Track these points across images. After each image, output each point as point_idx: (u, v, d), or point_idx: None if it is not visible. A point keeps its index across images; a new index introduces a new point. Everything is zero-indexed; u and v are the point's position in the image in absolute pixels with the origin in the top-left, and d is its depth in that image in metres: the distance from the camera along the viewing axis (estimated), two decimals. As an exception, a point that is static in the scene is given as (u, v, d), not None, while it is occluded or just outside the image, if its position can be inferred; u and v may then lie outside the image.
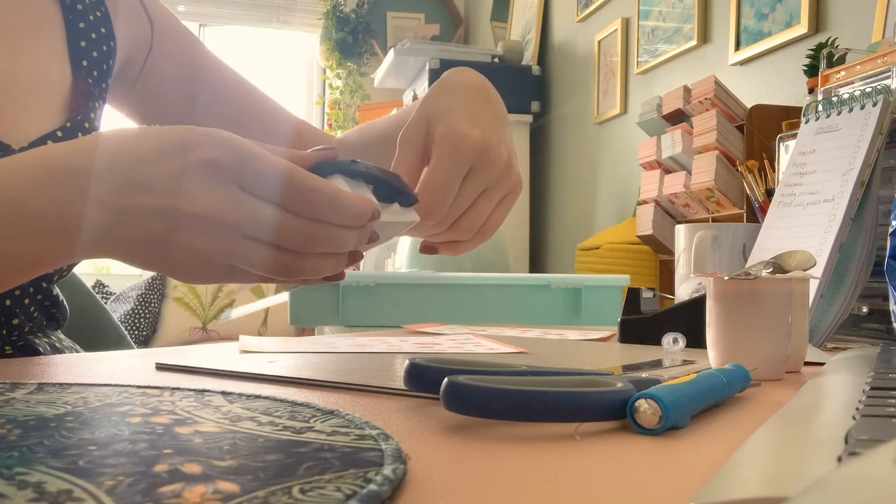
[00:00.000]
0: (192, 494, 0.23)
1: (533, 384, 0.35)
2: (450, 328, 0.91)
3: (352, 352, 0.63)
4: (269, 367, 0.53)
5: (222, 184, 0.45)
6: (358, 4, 4.04)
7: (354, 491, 0.23)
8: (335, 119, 3.98)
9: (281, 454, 0.27)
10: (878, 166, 0.72)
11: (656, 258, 2.00)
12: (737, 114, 1.65)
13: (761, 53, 1.86)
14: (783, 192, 0.79)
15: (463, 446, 0.32)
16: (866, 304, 0.74)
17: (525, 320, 1.45)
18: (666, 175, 1.84)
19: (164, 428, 0.31)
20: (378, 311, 1.49)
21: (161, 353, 0.62)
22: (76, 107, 0.69)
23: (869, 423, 0.28)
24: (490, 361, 0.45)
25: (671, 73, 2.27)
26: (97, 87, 0.72)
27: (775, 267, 0.57)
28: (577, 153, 2.91)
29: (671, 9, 2.26)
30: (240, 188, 0.46)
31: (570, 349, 0.68)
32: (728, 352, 0.53)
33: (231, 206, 0.45)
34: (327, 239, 0.47)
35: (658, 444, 0.32)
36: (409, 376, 0.41)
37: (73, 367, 0.54)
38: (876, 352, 0.55)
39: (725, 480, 0.22)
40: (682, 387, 0.36)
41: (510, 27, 3.59)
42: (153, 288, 3.20)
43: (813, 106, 0.81)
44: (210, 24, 4.24)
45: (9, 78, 0.65)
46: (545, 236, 3.15)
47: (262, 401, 0.38)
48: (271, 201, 0.46)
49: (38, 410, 0.35)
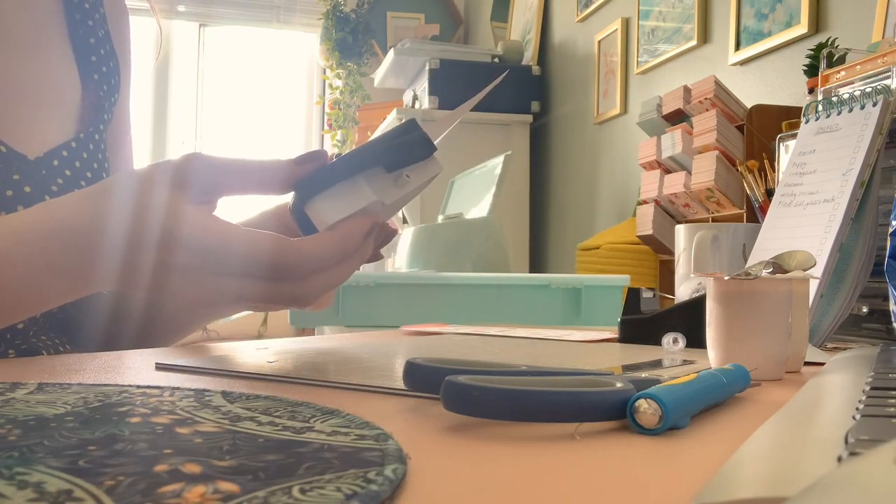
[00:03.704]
0: (192, 494, 0.23)
1: (533, 384, 0.35)
2: (450, 328, 0.91)
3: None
4: (268, 367, 0.53)
5: (200, 281, 0.49)
6: (358, 4, 4.04)
7: (354, 491, 0.23)
8: (335, 119, 3.98)
9: (281, 454, 0.27)
10: (878, 166, 0.72)
11: (656, 258, 2.00)
12: (737, 114, 1.65)
13: (761, 53, 1.86)
14: (783, 192, 0.79)
15: (463, 446, 0.32)
16: (866, 304, 0.74)
17: (525, 320, 1.45)
18: (666, 175, 1.84)
19: (164, 428, 0.31)
20: (378, 311, 1.49)
21: (161, 353, 0.62)
22: (87, 118, 0.70)
23: (869, 423, 0.28)
24: (490, 361, 0.45)
25: (671, 73, 2.27)
26: (107, 101, 0.73)
27: (775, 267, 0.57)
28: (577, 153, 2.91)
29: (671, 9, 2.26)
30: (224, 274, 0.49)
31: (570, 349, 0.68)
32: (728, 352, 0.53)
33: (215, 295, 0.49)
34: (321, 287, 0.50)
35: (658, 444, 0.32)
36: (409, 376, 0.41)
37: (73, 367, 0.53)
38: (876, 352, 0.55)
39: (725, 480, 0.22)
40: (682, 387, 0.36)
41: (510, 27, 3.59)
42: (153, 288, 3.19)
43: (813, 106, 0.81)
44: (210, 24, 4.24)
45: (23, 87, 0.66)
46: (545, 236, 3.15)
47: (262, 401, 0.38)
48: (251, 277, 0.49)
49: (38, 410, 0.35)
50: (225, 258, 0.49)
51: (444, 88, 2.95)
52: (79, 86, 0.70)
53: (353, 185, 0.49)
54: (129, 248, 0.50)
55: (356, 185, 0.49)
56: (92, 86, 0.71)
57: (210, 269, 0.49)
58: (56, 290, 0.52)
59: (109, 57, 0.74)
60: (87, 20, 0.73)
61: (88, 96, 0.70)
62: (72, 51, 0.72)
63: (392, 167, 0.50)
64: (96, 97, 0.71)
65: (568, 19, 3.04)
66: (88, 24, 0.73)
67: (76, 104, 0.69)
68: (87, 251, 0.50)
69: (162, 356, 0.59)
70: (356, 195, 0.49)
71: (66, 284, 0.52)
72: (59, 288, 0.52)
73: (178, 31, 4.13)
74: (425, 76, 3.02)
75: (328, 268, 0.49)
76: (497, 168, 2.10)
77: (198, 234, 0.49)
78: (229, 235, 0.49)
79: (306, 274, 0.49)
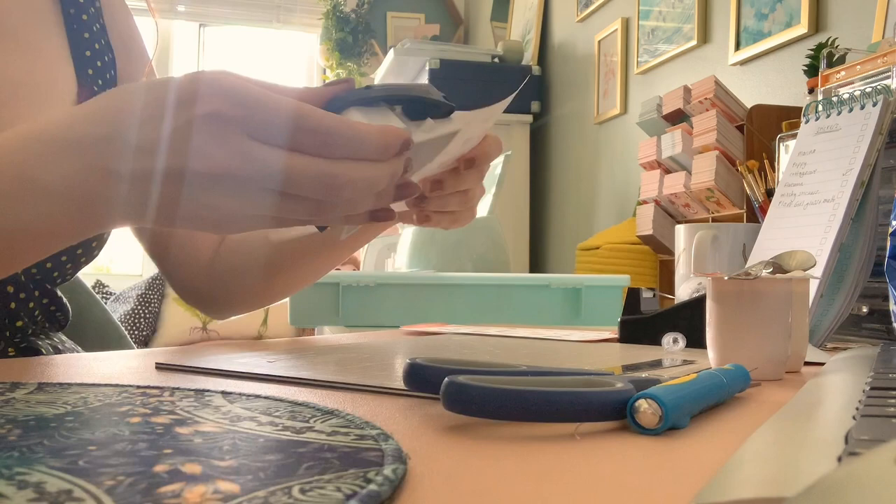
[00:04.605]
0: (192, 494, 0.23)
1: (533, 384, 0.35)
2: (450, 328, 0.91)
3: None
4: (269, 367, 0.53)
5: (229, 138, 0.42)
6: (358, 4, 4.04)
7: (354, 491, 0.23)
8: (335, 119, 3.97)
9: (281, 454, 0.27)
10: (878, 166, 0.72)
11: (656, 258, 2.00)
12: (737, 114, 1.65)
13: (761, 53, 1.86)
14: (783, 192, 0.79)
15: (463, 446, 0.32)
16: (866, 304, 0.74)
17: (525, 320, 1.45)
18: (666, 175, 1.84)
19: (164, 428, 0.31)
20: (378, 311, 1.49)
21: (161, 353, 0.62)
22: None
23: (869, 423, 0.28)
24: (490, 361, 0.45)
25: (671, 73, 2.27)
26: None
27: (775, 267, 0.57)
28: (577, 153, 2.91)
29: (671, 9, 2.26)
30: (249, 138, 0.43)
31: (570, 349, 0.68)
32: (728, 352, 0.53)
33: (242, 161, 0.42)
34: (353, 181, 0.44)
35: (658, 444, 0.32)
36: (409, 376, 0.41)
37: (73, 367, 0.54)
38: (876, 352, 0.55)
39: (725, 480, 0.22)
40: (682, 387, 0.36)
41: (510, 27, 3.59)
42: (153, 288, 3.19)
43: (813, 106, 0.81)
44: (210, 24, 4.24)
45: (21, 82, 0.65)
46: (545, 236, 3.15)
47: (262, 401, 0.38)
48: (284, 148, 0.43)
49: (38, 410, 0.35)
50: (261, 113, 0.42)
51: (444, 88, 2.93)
52: (74, 80, 0.70)
53: (382, 112, 0.48)
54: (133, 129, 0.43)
55: (385, 113, 0.48)
56: (87, 81, 0.71)
57: (245, 126, 0.42)
58: (42, 213, 0.45)
59: (105, 51, 0.74)
60: (81, 14, 0.73)
61: (84, 91, 0.70)
62: (67, 45, 0.71)
63: (414, 115, 0.49)
64: (91, 92, 0.70)
65: (568, 19, 3.04)
66: (83, 18, 0.73)
67: (71, 98, 0.69)
68: (73, 154, 0.44)
69: (162, 356, 0.59)
70: (386, 120, 0.48)
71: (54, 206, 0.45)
72: (45, 210, 0.45)
73: (178, 31, 4.13)
74: (425, 76, 3.02)
75: (370, 157, 0.44)
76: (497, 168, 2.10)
77: (230, 80, 0.43)
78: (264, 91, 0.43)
79: (350, 153, 0.44)
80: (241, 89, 0.43)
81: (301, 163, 0.43)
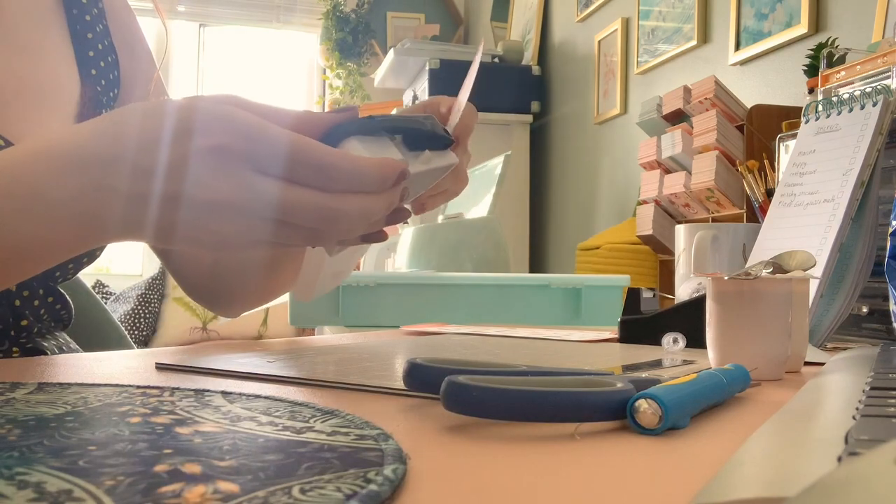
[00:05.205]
0: (192, 494, 0.23)
1: (533, 384, 0.35)
2: (450, 328, 0.91)
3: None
4: (269, 367, 0.53)
5: (232, 170, 0.44)
6: (358, 4, 4.05)
7: (354, 491, 0.23)
8: (335, 119, 3.97)
9: (281, 454, 0.27)
10: (878, 166, 0.72)
11: (656, 258, 2.00)
12: (737, 114, 1.65)
13: (761, 53, 1.86)
14: (783, 192, 0.79)
15: (463, 446, 0.32)
16: (866, 304, 0.74)
17: (525, 320, 1.45)
18: (666, 175, 1.84)
19: (164, 428, 0.31)
20: (378, 312, 1.49)
21: (161, 353, 0.62)
22: (87, 113, 0.69)
23: (869, 423, 0.28)
24: (490, 361, 0.45)
25: (671, 73, 2.27)
26: (105, 96, 0.72)
27: (775, 267, 0.57)
28: (577, 153, 2.91)
29: (671, 9, 2.26)
30: (253, 171, 0.44)
31: (570, 349, 0.68)
32: (728, 352, 0.53)
33: (243, 192, 0.44)
34: (350, 213, 0.46)
35: (658, 444, 0.32)
36: (409, 376, 0.41)
37: (73, 367, 0.54)
38: (876, 352, 0.55)
39: (725, 480, 0.22)
40: (682, 387, 0.36)
41: (510, 27, 3.59)
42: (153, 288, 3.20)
43: (813, 106, 0.81)
44: (210, 25, 4.24)
45: (24, 82, 0.65)
46: (545, 236, 3.15)
47: (262, 401, 0.38)
48: (286, 180, 0.45)
49: (38, 410, 0.35)
50: (265, 147, 0.44)
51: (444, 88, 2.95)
52: (77, 81, 0.70)
53: (382, 142, 0.49)
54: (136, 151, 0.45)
55: (384, 143, 0.49)
56: (90, 81, 0.71)
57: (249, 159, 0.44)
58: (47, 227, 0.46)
59: (108, 52, 0.74)
60: (84, 15, 0.73)
61: (87, 91, 0.70)
62: (70, 45, 0.71)
63: (413, 145, 0.51)
64: (94, 92, 0.71)
65: (568, 19, 3.04)
66: (86, 19, 0.73)
67: (75, 99, 0.69)
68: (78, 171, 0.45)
69: (162, 356, 0.59)
70: (385, 150, 0.49)
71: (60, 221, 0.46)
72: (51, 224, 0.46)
73: (178, 31, 4.13)
74: (425, 76, 3.02)
75: (367, 190, 0.46)
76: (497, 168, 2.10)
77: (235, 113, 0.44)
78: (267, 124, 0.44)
79: (349, 186, 0.45)
80: (243, 121, 0.44)
81: (302, 196, 0.45)
